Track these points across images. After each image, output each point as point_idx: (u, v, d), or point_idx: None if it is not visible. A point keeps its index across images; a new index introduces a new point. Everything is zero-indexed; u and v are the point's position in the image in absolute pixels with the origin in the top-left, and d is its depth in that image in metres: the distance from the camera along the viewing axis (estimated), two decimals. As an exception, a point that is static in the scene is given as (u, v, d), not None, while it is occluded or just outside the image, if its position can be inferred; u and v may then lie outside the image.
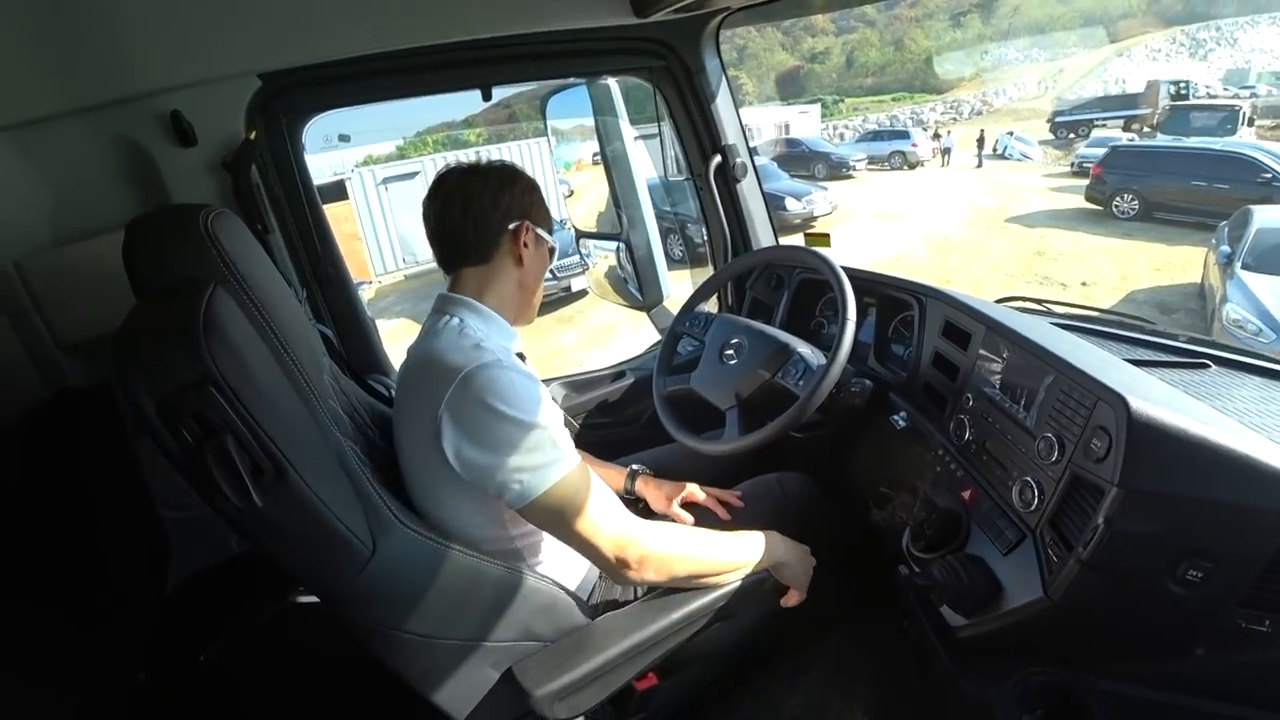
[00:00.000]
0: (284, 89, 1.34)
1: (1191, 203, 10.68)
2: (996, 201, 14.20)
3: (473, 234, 1.06)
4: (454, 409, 0.89)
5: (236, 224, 0.88)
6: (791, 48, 60.02)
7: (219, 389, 0.65)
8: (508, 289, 1.10)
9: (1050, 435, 0.97)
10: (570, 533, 0.94)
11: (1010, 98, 38.06)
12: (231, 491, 0.67)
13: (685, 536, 1.08)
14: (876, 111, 39.15)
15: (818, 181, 15.90)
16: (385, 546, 0.84)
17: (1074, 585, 0.87)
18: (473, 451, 0.89)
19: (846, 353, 1.21)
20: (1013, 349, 1.11)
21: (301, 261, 1.46)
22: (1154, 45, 41.08)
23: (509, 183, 1.07)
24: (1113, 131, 20.44)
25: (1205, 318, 6.97)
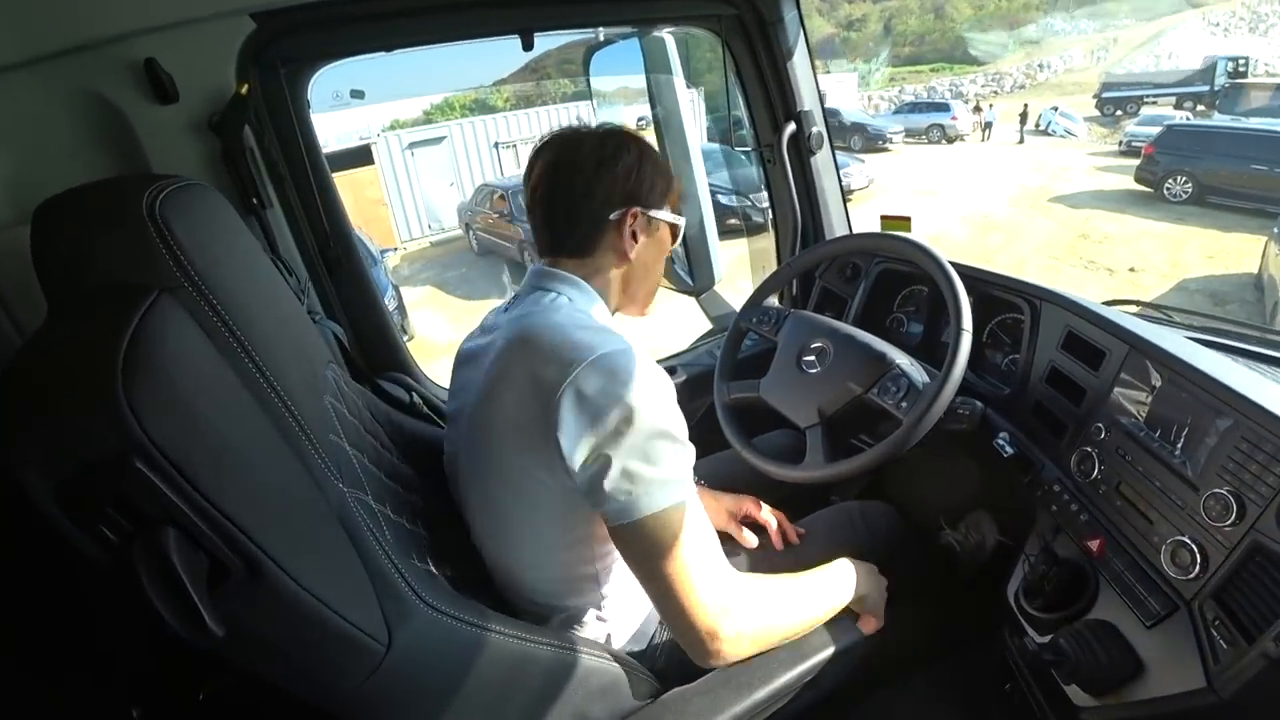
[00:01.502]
0: (283, 33, 1.12)
1: (1250, 188, 10.24)
2: (1040, 180, 13.70)
3: (564, 226, 0.92)
4: (580, 393, 0.74)
5: (208, 199, 0.66)
6: (828, 14, 58.36)
7: (150, 461, 0.44)
8: (611, 286, 0.95)
9: (1224, 492, 0.79)
10: (661, 576, 0.76)
11: (1055, 71, 36.72)
12: (173, 615, 0.45)
13: (783, 601, 0.91)
14: (914, 82, 37.98)
15: (854, 153, 15.43)
16: (405, 638, 0.64)
17: (1255, 683, 0.70)
18: (588, 445, 0.74)
19: (961, 372, 1.02)
20: (1170, 377, 0.91)
21: (306, 242, 1.26)
22: (1212, 18, 39.24)
23: (609, 161, 0.90)
24: (1164, 109, 19.67)
25: (1264, 312, 6.67)
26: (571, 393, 0.74)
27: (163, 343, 0.48)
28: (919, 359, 1.17)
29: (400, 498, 0.85)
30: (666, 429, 0.75)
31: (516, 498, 0.83)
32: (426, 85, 23.26)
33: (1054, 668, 0.85)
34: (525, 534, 0.86)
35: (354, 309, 1.33)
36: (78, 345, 0.47)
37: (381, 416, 1.00)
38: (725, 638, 0.78)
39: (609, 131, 0.94)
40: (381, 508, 0.73)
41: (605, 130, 0.94)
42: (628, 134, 0.95)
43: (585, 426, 0.73)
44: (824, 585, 0.96)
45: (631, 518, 0.74)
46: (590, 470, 0.73)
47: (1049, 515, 1.02)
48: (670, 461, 0.75)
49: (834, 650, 0.95)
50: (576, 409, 0.73)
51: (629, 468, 0.73)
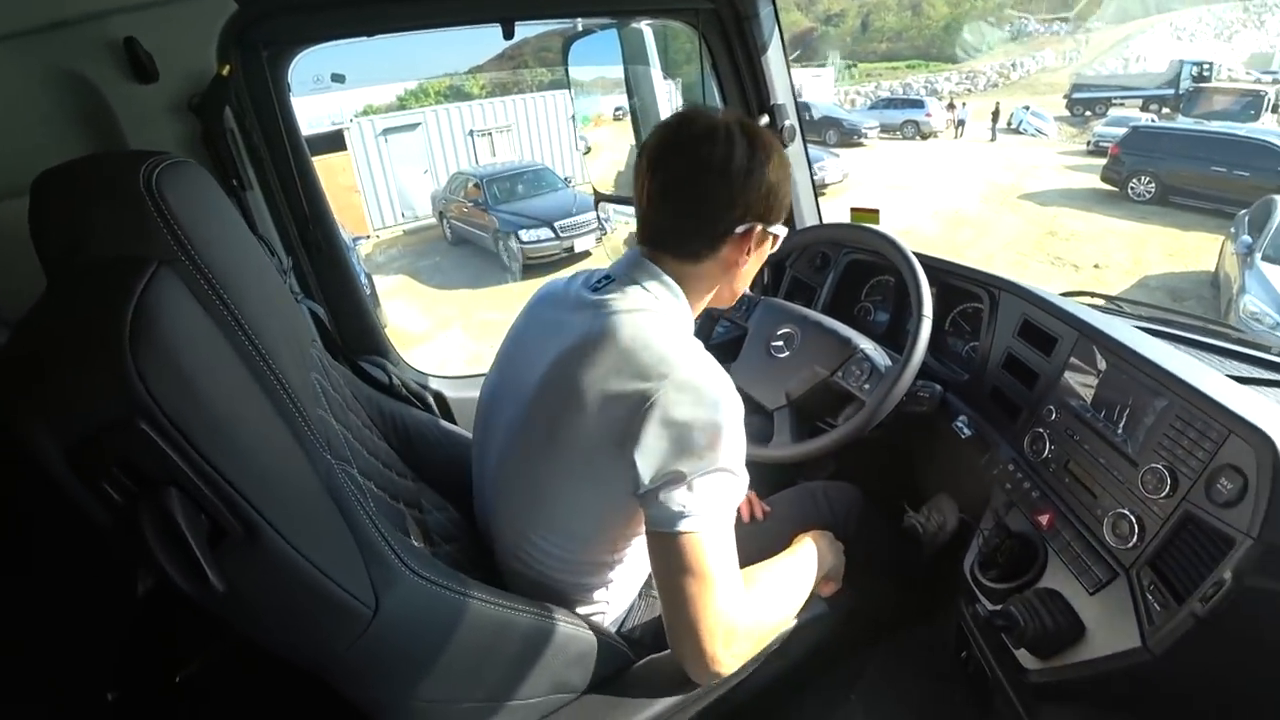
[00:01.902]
0: (265, 15, 1.12)
1: (1210, 189, 10.51)
2: (1010, 177, 13.93)
3: (687, 228, 0.88)
4: (664, 411, 0.74)
5: (198, 177, 0.67)
6: (806, 8, 58.51)
7: (155, 424, 0.46)
8: (706, 289, 0.93)
9: (1160, 466, 0.84)
10: (682, 591, 0.77)
11: (1028, 71, 37.31)
12: (178, 570, 0.48)
13: (775, 612, 0.92)
14: (890, 79, 38.31)
15: (829, 148, 15.54)
16: (391, 603, 0.66)
17: (1183, 641, 0.76)
18: (664, 458, 0.75)
19: (921, 355, 1.07)
20: (1112, 361, 0.97)
21: (286, 224, 1.26)
22: (1179, 24, 40.18)
23: (757, 172, 0.85)
24: (1131, 111, 20.10)
25: (1218, 308, 6.87)
26: (656, 411, 0.74)
27: (164, 312, 0.50)
28: (884, 345, 1.22)
29: (383, 475, 0.87)
30: (734, 464, 0.77)
31: (565, 483, 0.83)
32: (403, 71, 22.81)
33: (1005, 633, 0.90)
34: (560, 516, 0.86)
35: (333, 292, 1.33)
36: (84, 312, 0.49)
37: (362, 396, 1.01)
38: (724, 662, 0.80)
39: (755, 136, 0.88)
40: (366, 482, 0.75)
41: (751, 133, 0.88)
42: (771, 139, 0.90)
43: (663, 446, 0.74)
44: (801, 577, 0.98)
45: (674, 528, 0.75)
46: (656, 484, 0.75)
47: (1003, 492, 1.07)
48: (727, 492, 0.78)
49: (798, 624, 0.98)
50: (659, 428, 0.74)
51: (691, 485, 0.75)
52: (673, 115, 0.91)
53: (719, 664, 0.80)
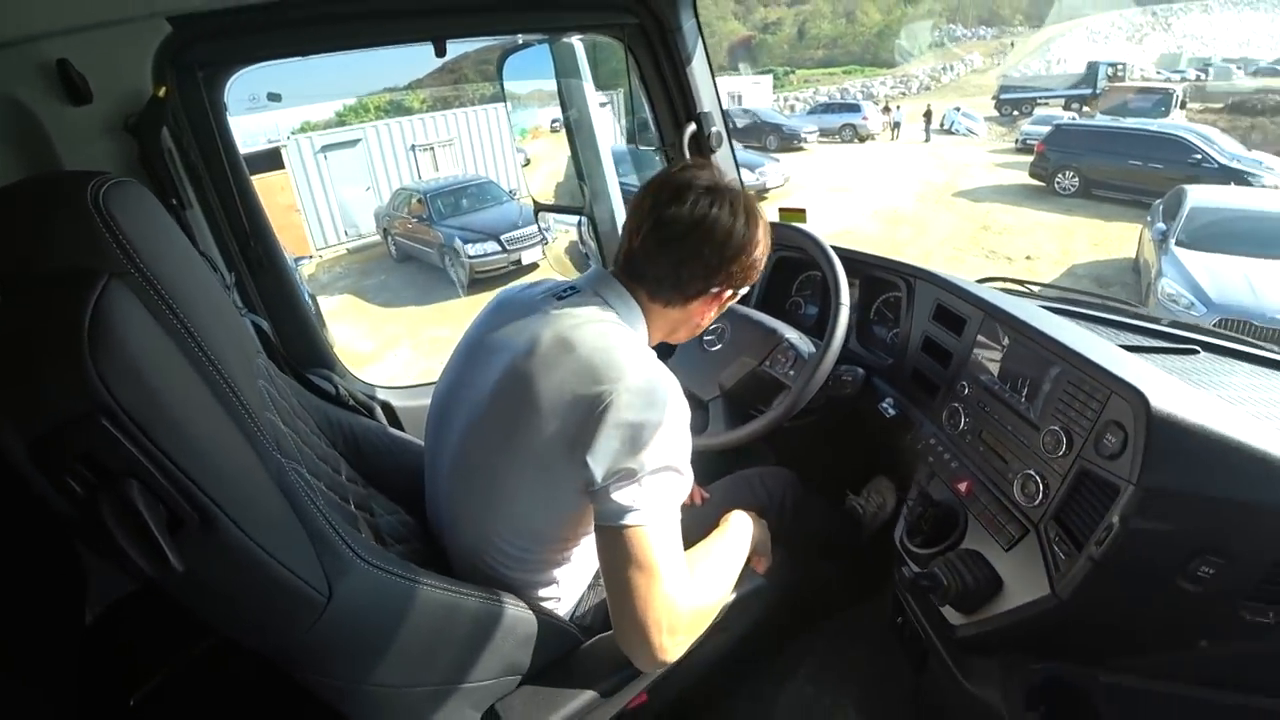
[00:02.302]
0: (200, 37, 1.13)
1: (1128, 181, 11.13)
2: (944, 176, 14.45)
3: (668, 278, 0.93)
4: (622, 414, 0.79)
5: (142, 195, 0.69)
6: (744, 17, 59.71)
7: (115, 420, 0.50)
8: (665, 328, 0.99)
9: (1057, 428, 0.93)
10: (628, 584, 0.80)
11: (957, 74, 38.86)
12: (140, 554, 0.52)
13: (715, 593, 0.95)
14: (828, 84, 39.34)
15: (769, 153, 15.81)
16: (344, 590, 0.69)
17: (1084, 583, 0.84)
18: (617, 457, 0.79)
19: (841, 340, 1.14)
20: (1014, 336, 1.06)
21: (227, 241, 1.27)
22: (1094, 28, 42.44)
23: (748, 245, 0.93)
24: (1054, 110, 21.07)
25: (1140, 292, 7.26)
26: (609, 414, 0.79)
27: (118, 319, 0.53)
28: (814, 336, 1.29)
29: (332, 478, 0.89)
30: (681, 464, 0.83)
31: (520, 483, 0.86)
32: (342, 87, 22.42)
33: (931, 593, 0.97)
34: (516, 515, 0.88)
35: (277, 307, 1.34)
36: (43, 320, 0.52)
37: (309, 405, 1.03)
38: (669, 650, 0.83)
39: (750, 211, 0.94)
40: (316, 482, 0.78)
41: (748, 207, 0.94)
42: (761, 216, 0.96)
43: (615, 446, 0.78)
44: (733, 553, 1.02)
45: (621, 522, 0.79)
46: (608, 482, 0.79)
47: (926, 465, 1.15)
48: (674, 490, 0.82)
49: (735, 596, 1.03)
50: (611, 429, 0.79)
51: (640, 484, 0.79)
52: (680, 165, 0.96)
53: (664, 652, 0.83)
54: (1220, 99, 22.12)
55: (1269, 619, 0.83)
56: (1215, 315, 5.66)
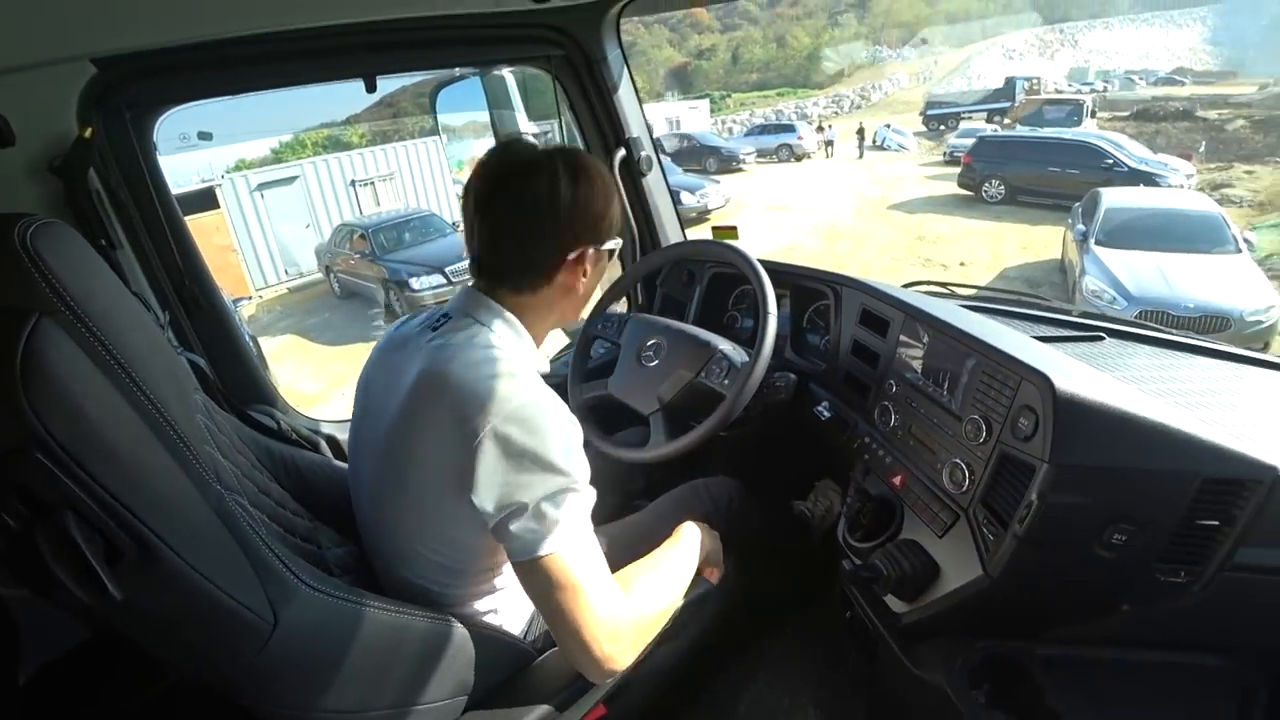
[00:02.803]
0: (126, 77, 1.12)
1: (1049, 187, 11.79)
2: (879, 190, 14.98)
3: (516, 263, 0.90)
4: (497, 443, 0.77)
5: (71, 237, 0.70)
6: (679, 44, 61.19)
7: (49, 453, 0.51)
8: (550, 314, 0.96)
9: (976, 417, 0.98)
10: (559, 609, 0.80)
11: (886, 93, 40.53)
12: (77, 585, 0.52)
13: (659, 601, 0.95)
14: (763, 106, 40.48)
15: (709, 175, 16.15)
16: (289, 617, 0.69)
17: (1012, 560, 0.88)
18: (503, 489, 0.77)
19: (770, 347, 1.19)
20: (933, 334, 1.12)
21: (160, 280, 1.25)
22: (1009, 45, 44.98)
23: (584, 201, 0.89)
24: (978, 123, 22.11)
25: (1067, 290, 7.64)
26: (489, 442, 0.77)
27: (50, 356, 0.53)
28: (750, 347, 1.33)
29: (275, 511, 0.89)
30: (574, 480, 0.80)
31: (423, 524, 0.86)
32: (277, 124, 22.06)
33: (873, 583, 1.01)
34: (428, 549, 0.88)
35: (215, 346, 1.33)
36: None
37: (249, 440, 1.02)
38: (616, 659, 0.83)
39: (572, 163, 0.90)
40: (259, 513, 0.78)
41: (568, 160, 0.90)
42: (595, 164, 0.92)
43: (500, 475, 0.77)
44: (683, 562, 1.03)
45: (532, 555, 0.78)
46: (501, 515, 0.78)
47: (862, 462, 1.20)
48: (575, 508, 0.80)
49: (684, 601, 1.04)
50: (493, 458, 0.77)
51: (538, 511, 0.77)
52: (492, 151, 0.93)
53: (611, 662, 0.83)
54: (1126, 107, 23.63)
55: (1181, 578, 0.89)
56: (1136, 308, 6.02)
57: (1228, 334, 5.65)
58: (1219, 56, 49.76)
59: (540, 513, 0.78)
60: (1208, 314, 5.87)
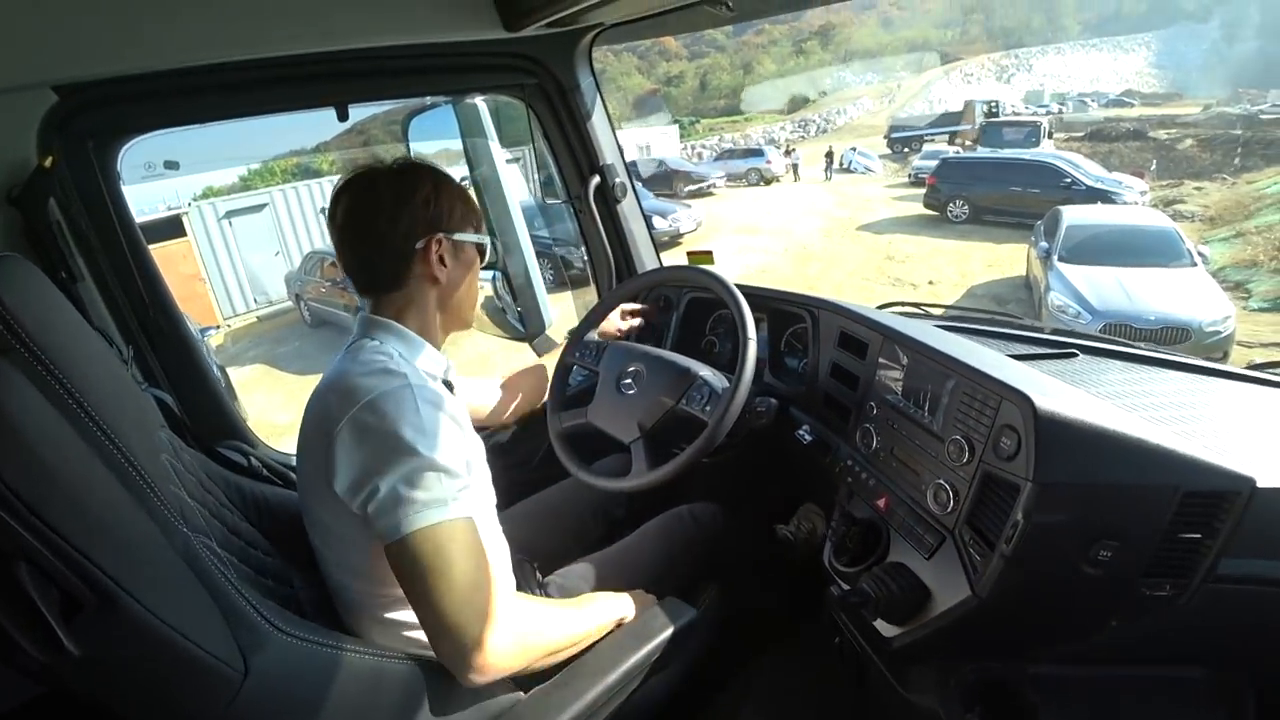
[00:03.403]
0: (88, 105, 1.09)
1: (1011, 206, 12.17)
2: (847, 212, 15.28)
3: (376, 261, 0.96)
4: (352, 429, 0.80)
5: (29, 272, 0.68)
6: (648, 71, 62.20)
7: (2, 502, 0.48)
8: (429, 310, 0.99)
9: (959, 437, 0.98)
10: (421, 592, 0.77)
11: (851, 117, 41.56)
12: (30, 642, 0.49)
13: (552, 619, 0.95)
14: (731, 131, 41.17)
15: (680, 199, 16.33)
16: (261, 664, 0.66)
17: (1000, 580, 0.88)
18: (359, 472, 0.79)
19: (751, 373, 1.18)
20: (912, 355, 1.12)
21: (124, 314, 1.21)
22: (967, 70, 46.59)
23: (407, 194, 0.94)
24: (940, 145, 22.74)
25: (1034, 306, 7.85)
26: (345, 431, 0.80)
27: (5, 399, 0.51)
28: (729, 372, 1.33)
29: (245, 552, 0.86)
30: (433, 459, 0.79)
31: (326, 536, 0.89)
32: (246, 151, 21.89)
33: (861, 608, 0.99)
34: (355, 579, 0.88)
35: (182, 379, 1.28)
36: None
37: (218, 478, 0.98)
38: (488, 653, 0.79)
39: (403, 166, 0.97)
40: (228, 555, 0.75)
41: (399, 164, 0.97)
42: (421, 165, 0.99)
43: (352, 458, 0.79)
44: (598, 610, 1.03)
45: (397, 535, 0.76)
46: (360, 497, 0.79)
47: (845, 485, 1.19)
48: (437, 487, 0.79)
49: (673, 630, 1.03)
50: (347, 443, 0.80)
51: (394, 491, 0.77)
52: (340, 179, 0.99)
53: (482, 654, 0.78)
54: (1081, 128, 24.59)
55: (1166, 591, 0.89)
56: (1100, 321, 6.21)
57: (1188, 344, 5.84)
58: (1164, 79, 52.11)
59: (396, 494, 0.77)
60: (1169, 325, 6.06)
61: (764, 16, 32.12)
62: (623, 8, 1.28)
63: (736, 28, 56.01)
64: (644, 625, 1.04)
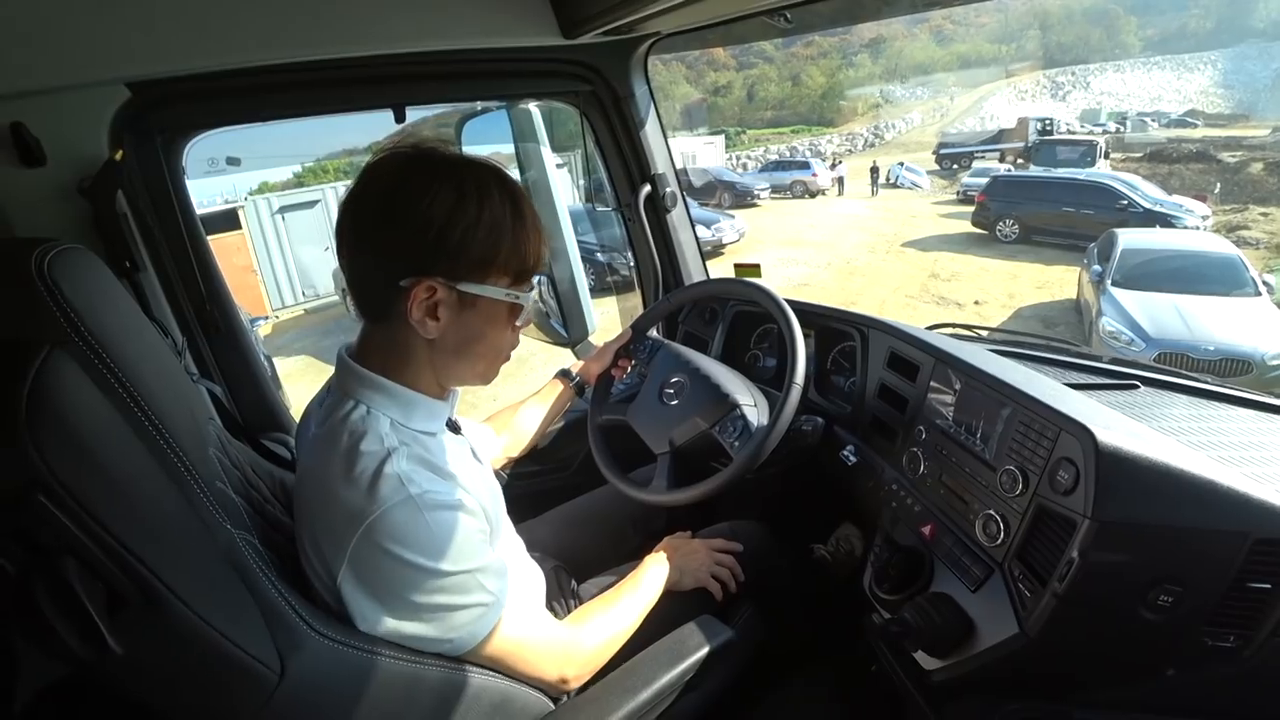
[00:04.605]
0: (159, 102, 1.13)
1: (1063, 226, 11.85)
2: (892, 228, 15.07)
3: (358, 277, 0.77)
4: (358, 570, 0.70)
5: (91, 263, 0.69)
6: (695, 81, 62.39)
7: (52, 496, 0.48)
8: (419, 361, 0.80)
9: (1013, 468, 0.95)
10: (513, 671, 0.84)
11: (899, 131, 41.05)
12: (75, 637, 0.49)
13: (609, 622, 0.99)
14: (777, 142, 41.01)
15: (724, 210, 16.31)
16: (297, 666, 0.66)
17: (1051, 619, 0.85)
18: (389, 619, 0.72)
19: (787, 422, 1.14)
20: (965, 380, 1.09)
21: (182, 304, 1.24)
22: (1021, 87, 45.61)
23: (410, 207, 0.71)
24: (991, 162, 22.29)
25: (1084, 330, 7.61)
26: (350, 574, 0.70)
27: (59, 392, 0.52)
28: (773, 388, 1.30)
29: (286, 549, 0.87)
30: (460, 569, 0.73)
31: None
32: (301, 150, 22.61)
33: (901, 638, 0.97)
34: None
35: (232, 371, 1.31)
36: None
37: (264, 472, 1.00)
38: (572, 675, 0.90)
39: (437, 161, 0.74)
40: (270, 553, 0.75)
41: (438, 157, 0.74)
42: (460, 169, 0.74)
43: (375, 595, 0.71)
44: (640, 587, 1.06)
45: (464, 650, 0.78)
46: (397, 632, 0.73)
47: (889, 510, 1.16)
48: (475, 594, 0.76)
49: (708, 650, 1.02)
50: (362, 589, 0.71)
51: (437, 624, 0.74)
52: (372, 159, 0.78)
53: (565, 686, 0.91)
54: (1140, 149, 23.81)
55: (1230, 642, 0.85)
56: (1154, 350, 5.97)
57: (1249, 377, 5.59)
58: (1230, 100, 50.12)
59: (445, 627, 0.75)
60: (1228, 357, 5.80)
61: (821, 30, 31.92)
62: (680, 17, 1.28)
63: (786, 39, 55.93)
64: (679, 643, 1.02)
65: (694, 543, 1.17)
